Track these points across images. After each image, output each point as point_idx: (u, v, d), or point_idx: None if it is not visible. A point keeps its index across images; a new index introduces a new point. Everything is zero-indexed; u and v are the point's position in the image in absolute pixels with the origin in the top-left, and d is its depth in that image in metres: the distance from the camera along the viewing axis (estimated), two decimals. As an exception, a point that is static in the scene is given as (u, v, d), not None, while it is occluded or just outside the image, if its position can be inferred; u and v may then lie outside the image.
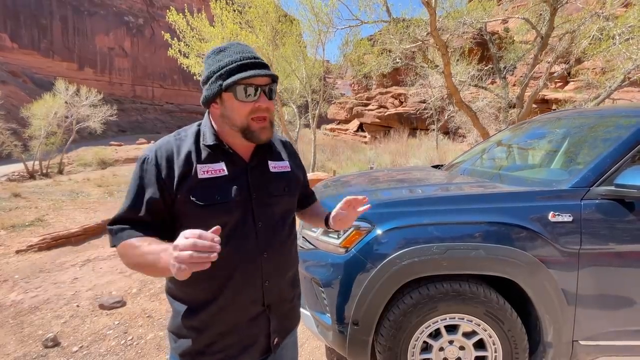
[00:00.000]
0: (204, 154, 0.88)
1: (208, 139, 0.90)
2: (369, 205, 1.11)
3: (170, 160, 0.85)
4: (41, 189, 10.61)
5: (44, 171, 16.06)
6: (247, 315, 0.92)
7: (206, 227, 0.81)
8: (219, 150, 0.90)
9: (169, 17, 9.57)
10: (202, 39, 9.83)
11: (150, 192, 0.83)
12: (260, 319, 0.94)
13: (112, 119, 20.60)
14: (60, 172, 16.63)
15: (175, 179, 0.83)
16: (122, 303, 2.94)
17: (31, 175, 15.19)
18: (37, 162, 16.05)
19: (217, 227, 0.67)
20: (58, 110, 17.45)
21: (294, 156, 1.10)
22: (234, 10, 9.76)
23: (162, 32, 10.39)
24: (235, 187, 0.88)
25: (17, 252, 4.33)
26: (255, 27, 9.89)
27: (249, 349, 0.93)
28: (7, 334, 2.52)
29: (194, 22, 9.69)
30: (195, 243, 0.61)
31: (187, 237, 0.63)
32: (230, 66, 0.83)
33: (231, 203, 0.86)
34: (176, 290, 0.91)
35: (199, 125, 0.94)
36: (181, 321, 0.89)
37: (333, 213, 1.13)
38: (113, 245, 0.83)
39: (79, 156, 19.66)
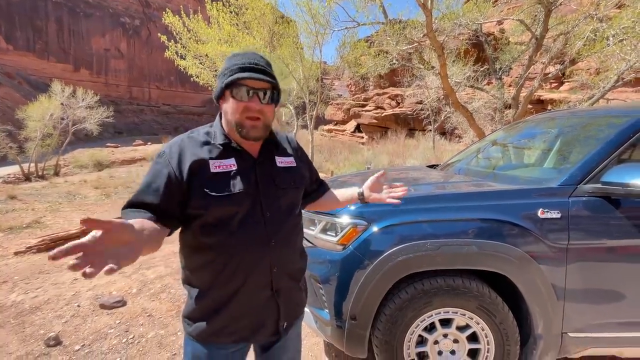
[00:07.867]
0: (216, 151, 0.98)
1: (218, 138, 1.00)
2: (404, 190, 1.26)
3: (182, 155, 0.94)
4: (37, 191, 10.58)
5: (40, 173, 15.93)
6: (258, 300, 1.00)
7: (218, 215, 0.92)
8: (229, 148, 0.99)
9: (165, 19, 9.57)
10: (198, 41, 9.84)
11: (159, 181, 0.91)
12: (270, 303, 1.03)
13: (108, 120, 20.41)
14: (57, 174, 16.51)
15: (187, 172, 0.92)
16: (122, 303, 2.97)
17: (27, 177, 15.07)
18: (32, 164, 15.92)
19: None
20: (54, 112, 17.28)
21: (298, 150, 1.19)
22: (231, 12, 9.78)
23: (159, 33, 10.37)
24: (244, 180, 0.97)
25: (16, 253, 4.34)
26: (252, 29, 9.93)
27: (259, 330, 1.03)
28: (9, 333, 2.54)
29: (190, 24, 9.70)
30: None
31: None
32: (233, 67, 0.95)
33: (241, 194, 0.95)
34: (192, 277, 1.00)
35: (211, 126, 1.04)
36: (197, 304, 0.98)
37: (366, 192, 1.32)
38: None
39: (75, 158, 19.53)
